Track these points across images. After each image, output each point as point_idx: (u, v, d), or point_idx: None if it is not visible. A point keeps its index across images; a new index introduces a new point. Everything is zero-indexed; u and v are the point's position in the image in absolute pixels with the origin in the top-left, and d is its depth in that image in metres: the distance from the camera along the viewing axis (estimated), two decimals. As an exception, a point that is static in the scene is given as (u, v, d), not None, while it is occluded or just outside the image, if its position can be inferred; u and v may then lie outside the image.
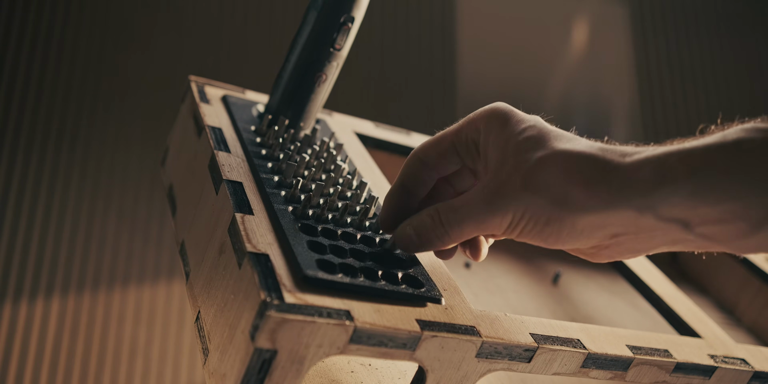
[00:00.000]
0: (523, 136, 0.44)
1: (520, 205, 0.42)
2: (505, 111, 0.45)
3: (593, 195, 0.41)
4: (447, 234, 0.45)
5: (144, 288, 1.22)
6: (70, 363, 1.14)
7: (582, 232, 0.42)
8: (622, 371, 0.49)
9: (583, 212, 0.41)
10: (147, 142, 1.28)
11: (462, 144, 0.47)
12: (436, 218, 0.45)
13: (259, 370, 0.40)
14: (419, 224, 0.46)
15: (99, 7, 1.29)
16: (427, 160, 0.48)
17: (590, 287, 0.80)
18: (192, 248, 0.53)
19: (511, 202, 0.42)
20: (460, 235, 0.45)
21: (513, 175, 0.43)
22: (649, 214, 0.41)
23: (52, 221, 1.20)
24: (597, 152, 0.42)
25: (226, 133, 0.57)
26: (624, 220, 0.41)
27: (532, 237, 0.44)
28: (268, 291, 0.40)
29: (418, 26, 1.52)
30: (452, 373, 0.44)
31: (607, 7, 1.73)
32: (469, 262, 0.75)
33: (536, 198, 0.42)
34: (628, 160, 0.41)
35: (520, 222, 0.43)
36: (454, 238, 0.45)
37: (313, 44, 0.58)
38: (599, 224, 0.42)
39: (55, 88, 1.25)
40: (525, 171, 0.42)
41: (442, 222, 0.45)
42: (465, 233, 0.45)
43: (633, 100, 1.71)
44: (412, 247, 0.46)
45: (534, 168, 0.42)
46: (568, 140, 0.44)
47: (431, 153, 0.48)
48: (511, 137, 0.44)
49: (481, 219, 0.43)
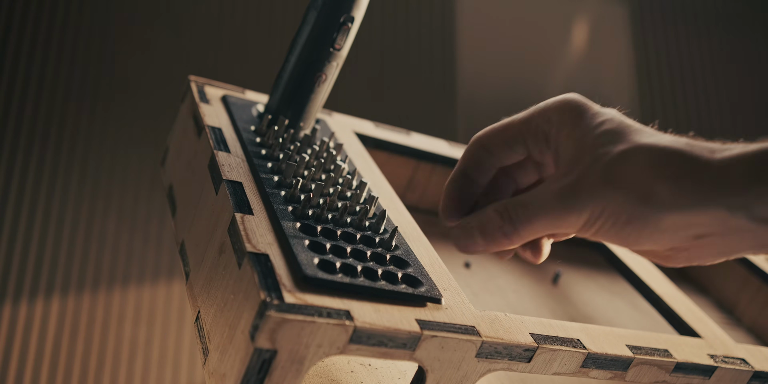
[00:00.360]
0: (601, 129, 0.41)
1: (600, 200, 0.39)
2: (580, 102, 0.43)
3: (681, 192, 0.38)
4: (516, 231, 0.42)
5: (144, 288, 1.22)
6: (70, 363, 1.14)
7: (666, 231, 0.39)
8: (622, 371, 0.49)
9: (670, 210, 0.38)
10: (147, 142, 1.28)
11: (531, 133, 0.44)
12: (505, 215, 0.42)
13: (259, 370, 0.40)
14: (484, 221, 0.43)
15: (99, 7, 1.29)
16: (490, 146, 0.45)
17: (590, 287, 0.80)
18: (192, 248, 0.53)
19: (590, 197, 0.39)
20: (530, 233, 0.42)
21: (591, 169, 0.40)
22: (741, 214, 0.38)
23: (52, 221, 1.20)
24: (684, 147, 0.39)
25: (225, 133, 0.57)
26: (713, 220, 0.39)
27: (610, 236, 0.41)
28: (268, 291, 0.40)
29: (418, 26, 1.52)
30: (452, 373, 0.44)
31: (607, 7, 1.73)
32: (469, 262, 0.75)
33: (618, 193, 0.39)
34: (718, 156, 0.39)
35: (599, 219, 0.40)
36: (524, 236, 0.42)
37: (313, 44, 0.58)
38: (685, 224, 0.39)
39: (55, 88, 1.25)
40: (605, 164, 0.39)
41: (512, 218, 0.42)
42: (536, 231, 0.42)
43: (633, 100, 1.71)
44: (474, 248, 0.44)
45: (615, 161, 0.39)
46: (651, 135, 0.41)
47: (496, 140, 0.45)
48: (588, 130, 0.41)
49: (555, 215, 0.40)
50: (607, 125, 0.41)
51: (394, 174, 0.76)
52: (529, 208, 0.41)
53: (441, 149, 0.77)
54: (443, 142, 0.80)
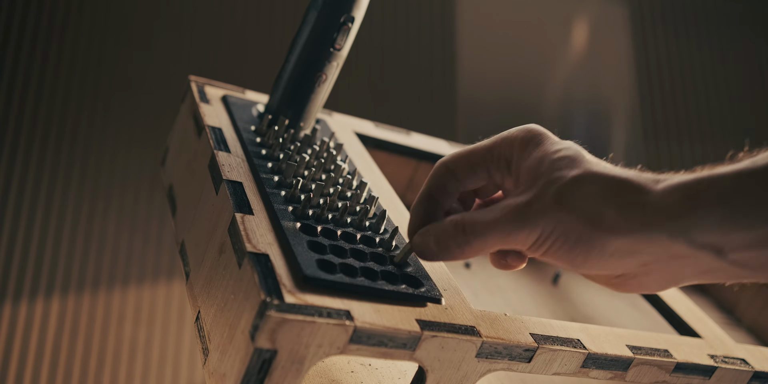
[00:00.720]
0: (558, 155, 0.44)
1: (551, 220, 0.42)
2: (541, 132, 0.46)
3: (627, 218, 0.41)
4: (469, 244, 0.44)
5: (144, 288, 1.22)
6: (70, 363, 1.14)
7: (611, 256, 0.42)
8: (622, 371, 0.49)
9: (615, 234, 0.41)
10: (147, 142, 1.28)
11: (494, 160, 0.46)
12: (459, 227, 0.44)
13: (259, 370, 0.40)
14: (441, 232, 0.45)
15: (99, 7, 1.29)
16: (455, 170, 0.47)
17: (590, 287, 0.80)
18: (192, 248, 0.53)
19: (542, 216, 0.42)
20: (482, 247, 0.44)
21: (545, 191, 0.42)
22: (681, 240, 0.40)
23: (52, 221, 1.20)
24: (632, 177, 0.42)
25: (226, 133, 0.57)
26: (655, 247, 0.41)
27: (559, 256, 0.43)
28: (268, 291, 0.40)
29: (418, 26, 1.52)
30: (452, 373, 0.44)
31: (607, 7, 1.73)
32: (469, 262, 0.75)
33: (568, 215, 0.41)
34: (660, 185, 0.41)
35: (548, 238, 0.42)
36: (477, 249, 0.44)
37: (313, 44, 0.58)
38: (630, 249, 0.41)
39: (55, 88, 1.25)
40: (558, 187, 0.42)
41: (465, 231, 0.44)
42: (488, 246, 0.44)
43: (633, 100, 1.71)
44: (429, 255, 0.46)
45: (568, 185, 0.42)
46: (604, 165, 0.44)
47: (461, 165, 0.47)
48: (546, 155, 0.44)
49: (507, 232, 0.43)
50: (565, 152, 0.44)
51: (395, 174, 0.76)
52: (484, 223, 0.43)
53: (441, 149, 0.77)
54: (443, 142, 0.80)
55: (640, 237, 0.41)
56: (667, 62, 1.75)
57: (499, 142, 0.46)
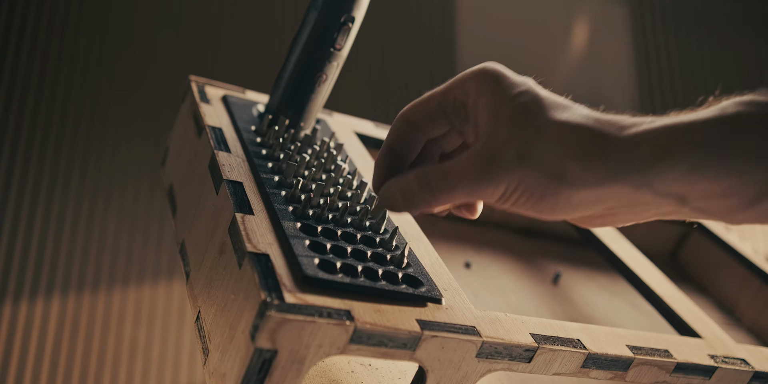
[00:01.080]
0: (516, 102, 0.42)
1: (515, 176, 0.41)
2: (496, 72, 0.44)
3: (590, 170, 0.40)
4: (435, 199, 0.44)
5: (144, 288, 1.22)
6: (70, 363, 1.14)
7: (577, 205, 0.42)
8: (622, 371, 0.49)
9: (579, 187, 0.41)
10: (147, 142, 1.28)
11: (450, 105, 0.45)
12: (424, 183, 0.44)
13: (260, 370, 0.40)
14: (405, 186, 0.45)
15: (99, 7, 1.29)
16: (414, 121, 0.46)
17: (590, 287, 0.80)
18: (192, 248, 0.53)
19: (505, 173, 0.41)
20: (448, 200, 0.44)
21: (507, 145, 0.41)
22: (646, 190, 0.40)
23: (52, 221, 1.20)
24: (594, 125, 0.41)
25: (226, 133, 0.57)
26: (620, 195, 0.41)
27: (526, 209, 0.43)
28: (268, 291, 0.40)
29: (418, 26, 1.52)
30: (452, 373, 0.44)
31: (607, 7, 1.73)
32: (469, 262, 0.75)
33: (531, 171, 0.41)
34: (625, 133, 0.41)
35: (514, 193, 0.42)
36: (441, 203, 0.44)
37: (313, 44, 0.58)
38: (595, 199, 0.41)
39: (55, 88, 1.25)
40: (520, 142, 0.41)
41: (431, 187, 0.43)
42: (454, 200, 0.44)
43: (633, 100, 1.71)
44: (396, 207, 0.45)
45: (529, 139, 0.41)
46: (564, 109, 0.42)
47: (419, 115, 0.46)
48: (503, 102, 0.43)
49: (473, 187, 0.42)
50: (522, 98, 0.43)
51: (395, 174, 0.76)
52: (448, 178, 0.43)
53: (441, 149, 0.77)
54: (443, 142, 0.80)
55: (604, 188, 0.41)
56: (667, 62, 1.75)
57: (454, 87, 0.45)
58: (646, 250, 0.83)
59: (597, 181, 0.40)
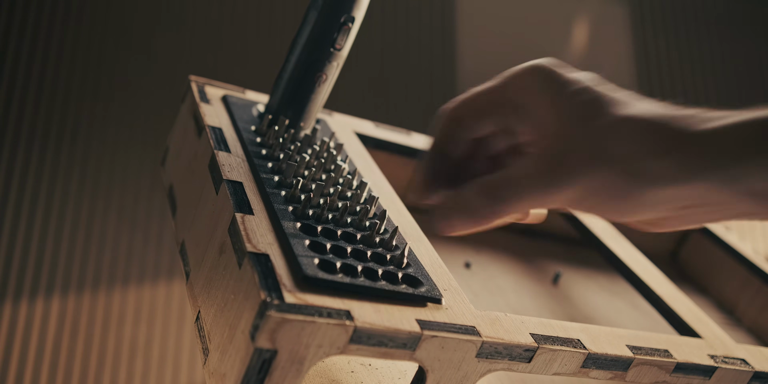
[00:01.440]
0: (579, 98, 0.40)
1: (590, 176, 0.38)
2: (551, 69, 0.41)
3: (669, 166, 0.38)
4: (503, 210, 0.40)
5: (144, 288, 1.22)
6: (70, 363, 1.14)
7: (655, 205, 0.39)
8: (622, 371, 0.49)
9: (657, 185, 0.38)
10: (147, 142, 1.28)
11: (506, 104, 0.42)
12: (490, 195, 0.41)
13: (259, 370, 0.40)
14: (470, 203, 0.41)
15: (99, 7, 1.29)
16: (463, 119, 0.44)
17: (590, 287, 0.80)
18: (192, 248, 0.53)
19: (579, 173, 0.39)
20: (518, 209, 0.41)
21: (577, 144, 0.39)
22: (729, 188, 0.37)
23: (52, 221, 1.20)
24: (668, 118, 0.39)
25: (226, 133, 0.57)
26: (698, 193, 0.38)
27: (600, 210, 0.40)
28: (268, 291, 0.40)
29: (418, 26, 1.52)
30: (452, 373, 0.44)
31: (607, 7, 1.73)
32: (469, 262, 0.75)
33: (608, 169, 0.38)
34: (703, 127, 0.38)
35: (591, 196, 0.39)
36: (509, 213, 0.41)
37: (313, 44, 0.58)
38: (674, 197, 0.38)
39: (55, 88, 1.25)
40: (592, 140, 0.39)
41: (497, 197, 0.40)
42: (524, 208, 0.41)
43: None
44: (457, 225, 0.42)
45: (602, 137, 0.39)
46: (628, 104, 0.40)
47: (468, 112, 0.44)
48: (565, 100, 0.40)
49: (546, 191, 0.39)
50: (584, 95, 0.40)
51: (395, 174, 0.76)
52: (516, 184, 0.40)
53: (441, 149, 0.77)
54: (443, 142, 0.80)
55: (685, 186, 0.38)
56: (667, 62, 1.75)
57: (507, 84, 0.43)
58: (646, 250, 0.83)
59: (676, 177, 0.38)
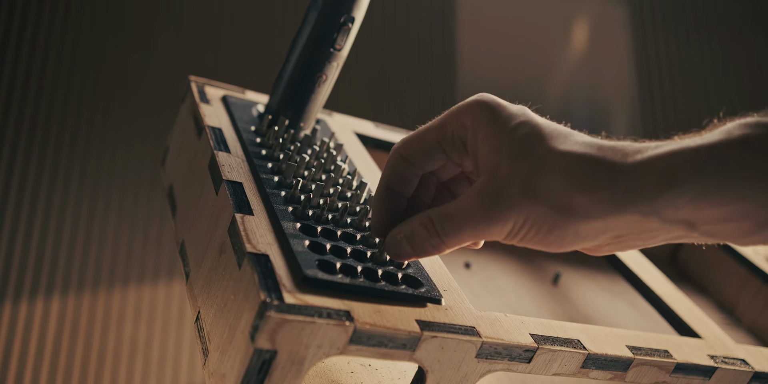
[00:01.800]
0: (516, 134, 0.42)
1: (521, 212, 0.41)
2: (492, 104, 0.43)
3: (598, 202, 0.40)
4: (443, 243, 0.43)
5: (144, 288, 1.22)
6: (70, 363, 1.14)
7: (585, 237, 0.41)
8: (622, 372, 0.49)
9: (588, 219, 0.40)
10: (147, 142, 1.28)
11: (447, 140, 0.45)
12: (430, 227, 0.43)
13: (259, 371, 0.40)
14: (412, 234, 0.44)
15: (99, 7, 1.29)
16: (410, 157, 0.46)
17: (590, 287, 0.80)
18: (192, 248, 0.53)
19: (512, 209, 0.41)
20: (457, 243, 0.43)
21: (510, 180, 0.41)
22: (654, 218, 0.40)
23: (52, 221, 1.20)
24: (597, 153, 0.41)
25: (226, 134, 0.57)
26: (628, 224, 0.40)
27: (534, 243, 0.42)
28: (267, 291, 0.40)
29: (418, 26, 1.52)
30: (452, 373, 0.44)
31: (607, 7, 1.73)
32: (469, 262, 0.75)
33: (538, 205, 0.40)
34: (630, 160, 0.40)
35: (522, 229, 0.41)
36: (450, 246, 0.44)
37: (313, 44, 0.58)
38: (603, 229, 0.41)
39: (55, 88, 1.24)
40: (524, 176, 0.41)
41: (438, 232, 0.43)
42: (462, 241, 0.43)
43: (633, 100, 1.71)
44: (404, 256, 0.45)
45: (533, 173, 0.41)
46: (564, 139, 0.42)
47: (415, 150, 0.45)
48: (502, 136, 0.42)
49: (480, 227, 0.42)
50: (522, 130, 0.42)
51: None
52: (454, 219, 0.42)
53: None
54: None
55: (612, 218, 0.40)
56: (667, 62, 1.75)
57: (449, 121, 0.44)
58: (646, 250, 0.83)
59: (605, 211, 0.40)
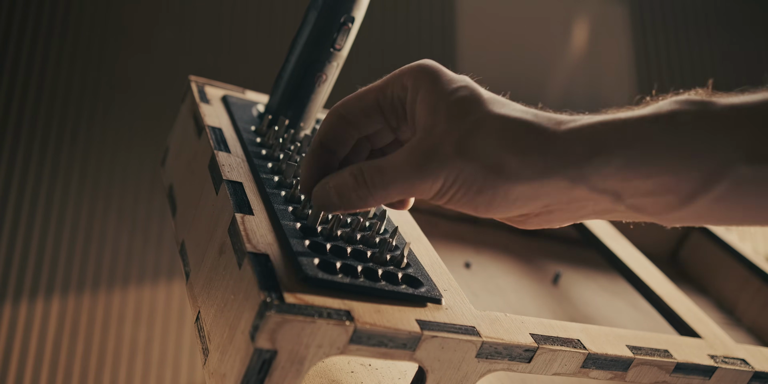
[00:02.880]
0: (455, 96, 0.42)
1: (453, 170, 0.40)
2: (434, 68, 0.44)
3: (528, 164, 0.40)
4: (371, 195, 0.43)
5: (144, 288, 1.22)
6: (70, 363, 1.14)
7: (515, 201, 0.41)
8: (622, 371, 0.49)
9: (517, 181, 0.40)
10: (147, 142, 1.28)
11: (387, 101, 0.45)
12: (360, 178, 0.43)
13: (259, 371, 0.40)
14: (340, 183, 0.43)
15: (99, 7, 1.29)
16: (348, 117, 0.45)
17: (590, 287, 0.80)
18: (192, 248, 0.53)
19: (443, 166, 0.41)
20: (385, 197, 0.43)
21: (445, 139, 0.41)
22: (582, 185, 0.40)
23: (52, 221, 1.20)
24: (532, 119, 0.41)
25: (226, 133, 0.57)
26: (557, 191, 0.41)
27: (463, 204, 0.42)
28: (267, 291, 0.40)
29: (418, 26, 1.52)
30: (452, 373, 0.44)
31: (607, 7, 1.73)
32: (469, 262, 0.75)
33: (469, 164, 0.40)
34: (563, 128, 0.41)
35: (451, 188, 0.41)
36: (378, 200, 0.43)
37: (313, 44, 0.58)
38: (532, 194, 0.41)
39: (55, 88, 1.25)
40: (458, 135, 0.41)
41: (367, 183, 0.43)
42: (390, 196, 0.43)
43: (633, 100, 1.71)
44: (331, 208, 0.44)
45: (468, 132, 0.41)
46: (502, 105, 0.42)
47: (354, 110, 0.45)
48: (441, 97, 0.42)
49: (410, 183, 0.41)
50: (461, 92, 0.42)
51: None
52: (385, 173, 0.42)
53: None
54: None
55: (542, 183, 0.40)
56: (667, 62, 1.75)
57: (391, 82, 0.45)
58: (646, 250, 0.83)
59: (534, 174, 0.40)
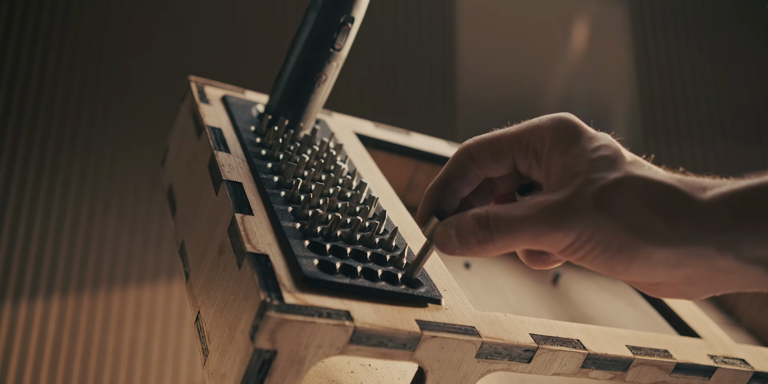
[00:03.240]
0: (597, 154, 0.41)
1: (590, 225, 0.38)
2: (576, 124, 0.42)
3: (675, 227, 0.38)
4: (492, 241, 0.41)
5: (144, 288, 1.22)
6: (70, 363, 1.14)
7: (655, 266, 0.39)
8: (621, 371, 0.49)
9: (662, 244, 0.38)
10: (147, 142, 1.28)
11: (521, 149, 0.43)
12: (483, 222, 0.41)
13: (259, 371, 0.40)
14: (462, 225, 0.42)
15: (99, 8, 1.29)
16: (478, 157, 0.44)
17: (590, 287, 0.80)
18: (192, 248, 0.53)
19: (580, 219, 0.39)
20: (508, 245, 0.41)
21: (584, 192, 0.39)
22: (730, 254, 0.38)
23: (52, 221, 1.20)
24: (678, 184, 0.39)
25: (225, 134, 0.57)
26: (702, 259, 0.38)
27: (599, 263, 0.40)
28: (267, 291, 0.40)
29: (418, 26, 1.52)
30: (452, 373, 0.44)
31: (607, 7, 1.73)
32: (469, 262, 0.75)
33: (611, 220, 0.38)
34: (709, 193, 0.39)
35: (586, 244, 0.39)
36: (500, 247, 0.41)
37: (313, 44, 0.58)
38: (675, 261, 0.39)
39: (55, 88, 1.25)
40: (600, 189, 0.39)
41: (490, 228, 0.41)
42: (515, 244, 0.41)
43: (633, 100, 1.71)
44: (449, 249, 0.43)
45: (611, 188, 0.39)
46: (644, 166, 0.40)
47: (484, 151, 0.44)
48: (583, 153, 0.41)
49: (539, 232, 0.40)
50: (603, 151, 0.41)
51: (394, 174, 0.76)
52: (512, 220, 0.41)
53: (441, 149, 0.77)
54: (443, 142, 0.80)
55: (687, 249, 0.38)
56: (667, 62, 1.75)
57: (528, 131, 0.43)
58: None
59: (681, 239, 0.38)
